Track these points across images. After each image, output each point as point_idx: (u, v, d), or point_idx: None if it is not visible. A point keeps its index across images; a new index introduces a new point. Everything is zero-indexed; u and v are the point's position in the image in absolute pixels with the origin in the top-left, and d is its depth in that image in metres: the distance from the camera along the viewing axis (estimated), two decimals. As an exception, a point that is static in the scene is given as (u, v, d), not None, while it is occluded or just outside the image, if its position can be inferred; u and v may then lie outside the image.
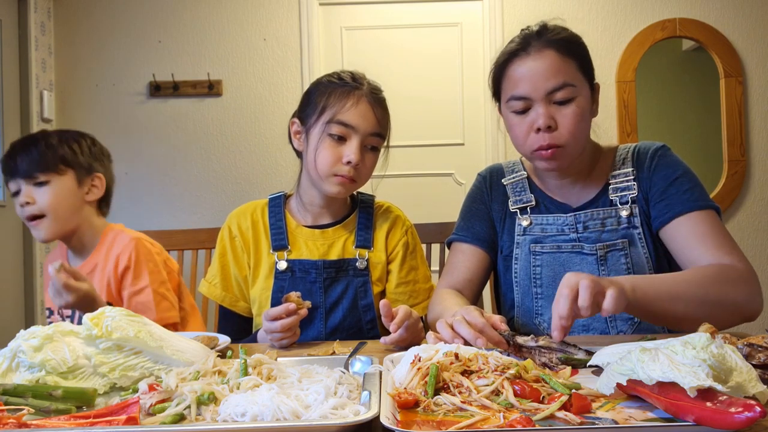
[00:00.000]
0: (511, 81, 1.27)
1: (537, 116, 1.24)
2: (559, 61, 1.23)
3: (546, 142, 1.24)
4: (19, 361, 0.87)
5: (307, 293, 1.37)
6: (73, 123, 3.45)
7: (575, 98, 1.24)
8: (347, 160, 1.34)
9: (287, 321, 1.14)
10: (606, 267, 1.29)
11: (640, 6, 3.52)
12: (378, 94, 1.41)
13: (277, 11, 3.54)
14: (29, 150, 1.52)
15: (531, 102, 1.25)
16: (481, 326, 1.01)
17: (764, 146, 3.54)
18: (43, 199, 1.51)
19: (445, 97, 3.59)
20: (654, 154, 1.33)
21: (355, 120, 1.35)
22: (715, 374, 0.68)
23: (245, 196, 3.47)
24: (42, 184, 1.52)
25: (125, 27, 3.53)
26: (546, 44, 1.25)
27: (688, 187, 1.27)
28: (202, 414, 0.74)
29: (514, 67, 1.27)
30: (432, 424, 0.69)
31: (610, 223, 1.31)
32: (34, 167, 1.51)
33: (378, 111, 1.39)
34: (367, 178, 1.42)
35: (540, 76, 1.23)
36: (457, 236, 1.44)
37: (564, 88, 1.23)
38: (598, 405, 0.74)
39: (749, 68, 3.52)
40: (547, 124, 1.23)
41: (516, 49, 1.28)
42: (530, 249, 1.35)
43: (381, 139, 1.41)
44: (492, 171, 1.48)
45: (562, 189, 1.37)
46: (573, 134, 1.24)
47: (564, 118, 1.23)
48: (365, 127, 1.35)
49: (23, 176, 1.51)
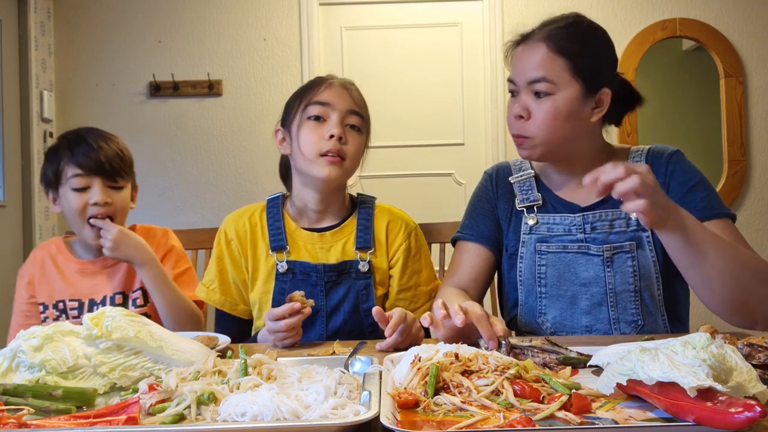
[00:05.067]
0: (510, 65, 1.36)
1: (515, 103, 1.31)
2: (546, 56, 1.27)
3: (515, 132, 1.31)
4: (19, 361, 0.87)
5: (308, 295, 1.36)
6: (73, 123, 3.45)
7: (552, 95, 1.26)
8: (330, 134, 1.35)
9: (291, 320, 1.14)
10: (612, 269, 1.28)
11: (640, 6, 3.52)
12: (350, 83, 1.45)
13: (277, 11, 3.54)
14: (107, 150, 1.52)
15: (518, 88, 1.31)
16: (479, 317, 1.02)
17: (764, 146, 3.54)
18: (118, 202, 1.54)
19: (445, 97, 3.59)
20: (669, 159, 1.33)
21: (330, 98, 1.39)
22: (715, 374, 0.68)
23: (245, 196, 3.47)
24: (118, 189, 1.54)
25: (125, 27, 3.53)
26: (541, 38, 1.28)
27: (705, 195, 1.28)
28: (202, 414, 0.74)
29: (514, 53, 1.35)
30: (432, 424, 0.69)
31: (618, 224, 1.31)
32: (115, 169, 1.52)
33: (352, 92, 1.42)
34: (355, 159, 1.41)
35: (525, 65, 1.29)
36: (463, 234, 1.44)
37: (540, 82, 1.26)
38: (598, 405, 0.74)
39: (749, 68, 3.52)
40: (519, 113, 1.30)
41: (519, 38, 1.34)
42: (536, 248, 1.35)
43: (360, 118, 1.41)
44: (499, 169, 1.48)
45: (571, 188, 1.37)
46: (541, 128, 1.27)
47: (537, 111, 1.28)
48: (342, 105, 1.39)
49: (104, 175, 1.51)
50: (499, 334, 1.01)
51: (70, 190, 1.50)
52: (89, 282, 1.57)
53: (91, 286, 1.57)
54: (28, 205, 3.27)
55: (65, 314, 1.54)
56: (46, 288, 1.57)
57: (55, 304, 1.55)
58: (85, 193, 1.50)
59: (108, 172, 1.51)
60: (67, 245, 1.63)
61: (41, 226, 3.30)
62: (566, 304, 1.31)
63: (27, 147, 3.28)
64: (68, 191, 1.50)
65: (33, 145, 3.28)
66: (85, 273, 1.58)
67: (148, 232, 1.64)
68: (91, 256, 1.60)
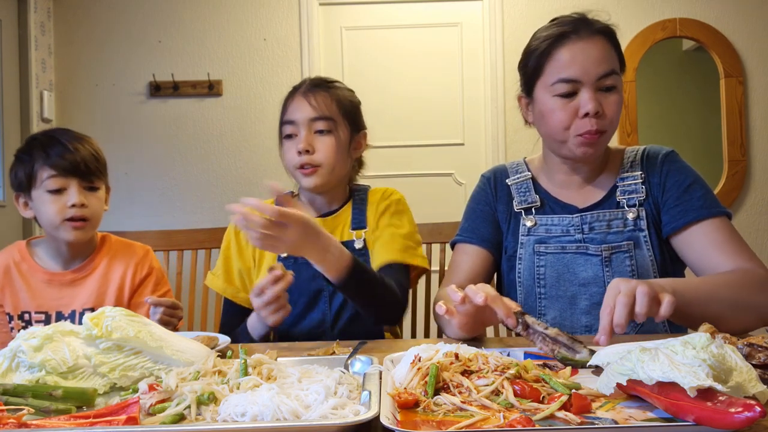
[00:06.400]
0: (560, 63, 1.26)
1: (586, 101, 1.24)
2: (608, 48, 1.27)
3: (594, 128, 1.25)
4: (19, 361, 0.87)
5: (310, 277, 1.40)
6: (73, 123, 3.45)
7: (617, 87, 1.28)
8: (297, 150, 1.44)
9: (276, 287, 1.18)
10: (611, 269, 1.29)
11: (640, 6, 3.52)
12: (317, 84, 1.49)
13: (277, 11, 3.54)
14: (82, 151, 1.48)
15: (579, 86, 1.25)
16: (494, 297, 1.02)
17: (764, 146, 3.54)
18: (94, 204, 1.50)
19: (445, 97, 3.59)
20: (665, 160, 1.34)
21: (293, 114, 1.46)
22: (715, 374, 0.68)
23: (245, 196, 3.46)
24: (94, 189, 1.51)
25: (125, 27, 3.53)
26: (596, 30, 1.27)
27: (701, 194, 1.29)
28: (202, 414, 0.74)
29: (564, 49, 1.27)
30: (432, 424, 0.69)
31: (616, 224, 1.31)
32: (91, 170, 1.49)
33: (314, 98, 1.45)
34: (330, 160, 1.45)
35: (592, 60, 1.25)
36: (462, 237, 1.44)
37: (611, 75, 1.26)
38: (598, 405, 0.74)
39: (749, 68, 3.52)
40: (597, 109, 1.24)
41: (566, 31, 1.27)
42: (534, 249, 1.35)
43: (327, 120, 1.45)
44: (496, 172, 1.48)
45: (570, 190, 1.37)
46: (614, 123, 1.28)
47: (609, 105, 1.26)
48: (303, 116, 1.45)
49: (80, 177, 1.47)
50: (515, 310, 1.01)
51: (45, 192, 1.46)
52: (56, 294, 1.51)
53: (59, 299, 1.50)
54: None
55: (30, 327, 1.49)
56: (10, 299, 1.49)
57: (20, 315, 1.49)
58: (61, 195, 1.46)
59: (84, 173, 1.47)
60: (30, 252, 1.55)
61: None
62: (566, 305, 1.32)
63: (27, 147, 3.28)
64: (43, 193, 1.46)
65: (33, 145, 3.28)
66: (52, 284, 1.51)
67: (127, 248, 1.60)
68: (59, 265, 1.54)
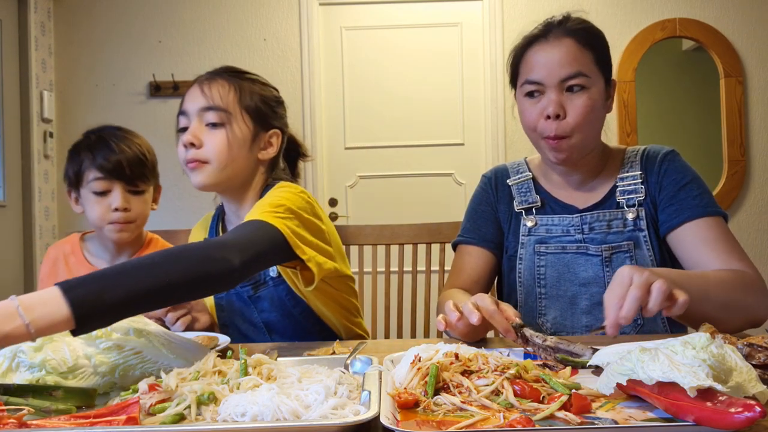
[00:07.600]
0: (528, 65, 1.29)
1: (548, 103, 1.25)
2: (576, 50, 1.25)
3: (553, 133, 1.25)
4: (19, 361, 0.87)
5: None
6: (73, 123, 3.45)
7: (588, 89, 1.25)
8: (183, 144, 1.31)
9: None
10: (611, 268, 1.29)
11: (640, 6, 3.52)
12: (219, 72, 1.36)
13: (277, 11, 3.54)
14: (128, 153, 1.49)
15: (544, 88, 1.26)
16: (491, 313, 1.02)
17: (764, 146, 3.54)
18: (138, 207, 1.52)
19: (445, 97, 3.59)
20: (663, 159, 1.33)
21: (186, 104, 1.34)
22: (715, 374, 0.68)
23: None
24: (139, 193, 1.53)
25: (125, 27, 3.53)
26: (566, 33, 1.26)
27: (697, 193, 1.28)
28: (202, 414, 0.74)
29: (532, 52, 1.28)
30: (432, 424, 0.69)
31: (616, 224, 1.31)
32: (137, 176, 1.50)
33: (208, 87, 1.32)
34: (221, 157, 1.29)
35: (555, 62, 1.24)
36: (464, 238, 1.44)
37: (577, 77, 1.24)
38: (598, 405, 0.74)
39: (749, 68, 3.52)
40: (556, 111, 1.24)
41: (536, 34, 1.29)
42: (535, 249, 1.35)
43: (218, 111, 1.29)
44: (497, 172, 1.48)
45: (569, 190, 1.37)
46: (580, 125, 1.24)
47: (574, 107, 1.24)
48: (193, 107, 1.31)
49: (125, 180, 1.49)
50: (514, 323, 1.01)
51: (90, 193, 1.49)
52: None
53: None
54: (28, 205, 3.27)
55: None
56: None
57: None
58: (105, 197, 1.49)
59: (128, 177, 1.49)
60: (81, 246, 1.60)
61: (41, 226, 3.29)
62: (566, 305, 1.32)
63: (27, 147, 3.29)
64: (89, 193, 1.50)
65: (33, 145, 3.29)
66: None
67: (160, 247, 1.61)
68: (106, 261, 1.57)
